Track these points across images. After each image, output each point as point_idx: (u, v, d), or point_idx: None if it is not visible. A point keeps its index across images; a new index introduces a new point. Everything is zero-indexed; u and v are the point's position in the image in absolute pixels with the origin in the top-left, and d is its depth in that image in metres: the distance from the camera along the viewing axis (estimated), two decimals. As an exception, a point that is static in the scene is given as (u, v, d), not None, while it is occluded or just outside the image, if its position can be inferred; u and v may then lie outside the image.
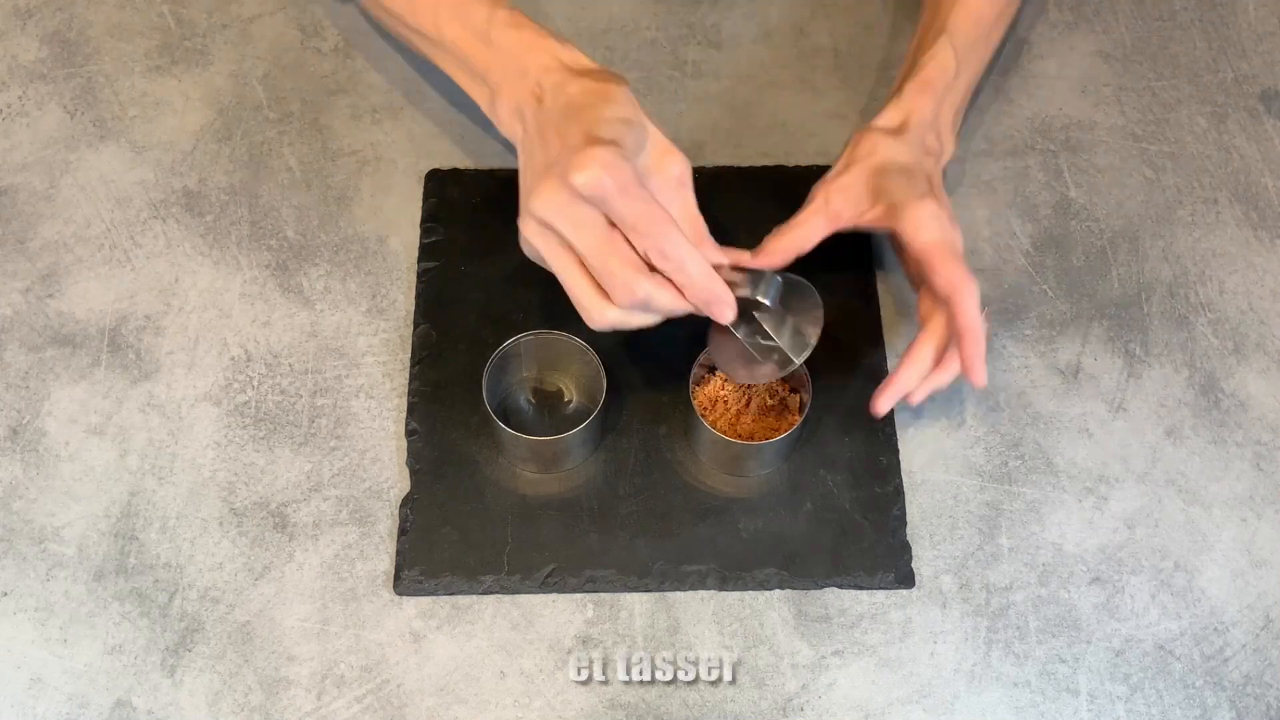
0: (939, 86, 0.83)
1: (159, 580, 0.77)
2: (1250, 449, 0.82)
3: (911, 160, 0.80)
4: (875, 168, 0.79)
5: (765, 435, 0.80)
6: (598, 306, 0.70)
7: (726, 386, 0.82)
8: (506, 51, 0.78)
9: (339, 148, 0.92)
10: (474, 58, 0.80)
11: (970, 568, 0.78)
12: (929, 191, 0.78)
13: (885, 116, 0.82)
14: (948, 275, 0.75)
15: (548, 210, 0.68)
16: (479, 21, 0.79)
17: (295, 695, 0.74)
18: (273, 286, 0.87)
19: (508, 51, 0.78)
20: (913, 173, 0.79)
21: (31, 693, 0.74)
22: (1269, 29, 0.99)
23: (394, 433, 0.82)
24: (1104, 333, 0.86)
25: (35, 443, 0.81)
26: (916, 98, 0.83)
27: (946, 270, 0.75)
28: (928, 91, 0.83)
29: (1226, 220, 0.91)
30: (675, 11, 0.99)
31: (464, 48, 0.80)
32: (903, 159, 0.80)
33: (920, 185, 0.78)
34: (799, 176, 0.91)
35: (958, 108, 0.86)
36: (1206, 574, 0.78)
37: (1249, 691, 0.75)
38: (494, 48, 0.78)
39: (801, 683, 0.75)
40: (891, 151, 0.80)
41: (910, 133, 0.81)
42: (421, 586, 0.77)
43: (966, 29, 0.86)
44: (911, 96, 0.83)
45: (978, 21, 0.87)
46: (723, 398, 0.82)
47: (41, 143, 0.92)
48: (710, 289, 0.70)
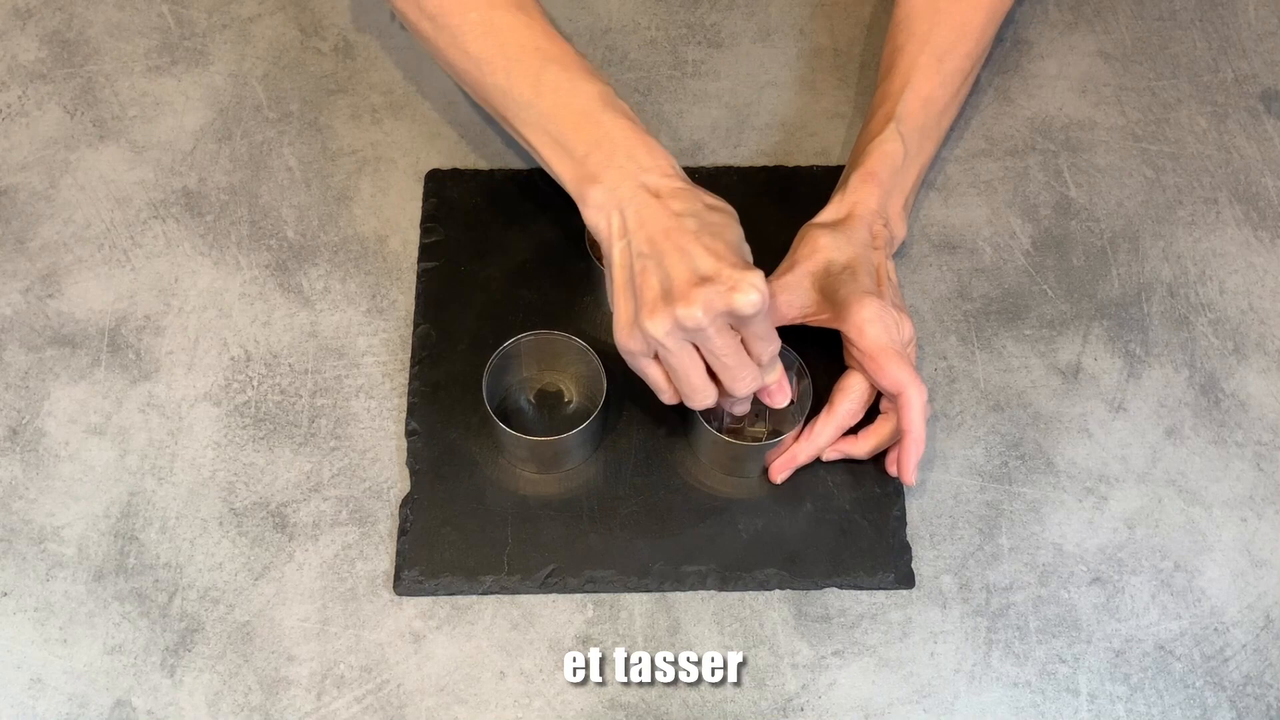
0: (884, 177, 0.82)
1: (159, 580, 0.77)
2: (1250, 449, 0.82)
3: (854, 255, 0.79)
4: (817, 268, 0.79)
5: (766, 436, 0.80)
6: (707, 392, 0.73)
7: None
8: (616, 139, 0.75)
9: (339, 148, 0.92)
10: (574, 134, 0.76)
11: (970, 568, 0.78)
12: (871, 288, 0.78)
13: (829, 210, 0.82)
14: (894, 376, 0.75)
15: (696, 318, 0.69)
16: (589, 98, 0.77)
17: (295, 695, 0.74)
18: (273, 286, 0.87)
19: (617, 140, 0.75)
20: (855, 269, 0.79)
21: (31, 693, 0.74)
22: (1269, 29, 0.99)
23: (394, 433, 0.82)
24: (1104, 333, 0.86)
25: (35, 443, 0.81)
26: (861, 189, 0.82)
27: (893, 371, 0.75)
28: (872, 182, 0.82)
29: (1226, 220, 0.91)
30: (675, 11, 0.99)
31: (564, 121, 0.77)
32: (843, 256, 0.79)
33: (863, 281, 0.78)
34: (799, 176, 0.91)
35: (908, 193, 0.84)
36: (1207, 574, 0.78)
37: (1249, 691, 0.75)
38: (602, 130, 0.76)
39: (801, 683, 0.75)
40: (832, 249, 0.79)
41: (853, 225, 0.80)
42: (421, 587, 0.77)
43: (915, 113, 0.84)
44: (856, 188, 0.82)
45: (927, 104, 0.85)
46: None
47: (41, 143, 0.92)
48: None
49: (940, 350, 0.85)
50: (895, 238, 0.83)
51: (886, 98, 0.85)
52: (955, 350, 0.85)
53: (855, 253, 0.79)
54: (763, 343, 0.72)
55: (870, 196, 0.81)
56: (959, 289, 0.87)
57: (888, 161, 0.82)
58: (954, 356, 0.85)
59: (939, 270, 0.88)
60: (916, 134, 0.84)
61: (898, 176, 0.83)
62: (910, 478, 0.77)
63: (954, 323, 0.86)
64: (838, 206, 0.82)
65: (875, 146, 0.83)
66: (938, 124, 0.86)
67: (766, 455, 0.79)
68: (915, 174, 0.85)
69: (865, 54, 0.97)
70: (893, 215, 0.83)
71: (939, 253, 0.88)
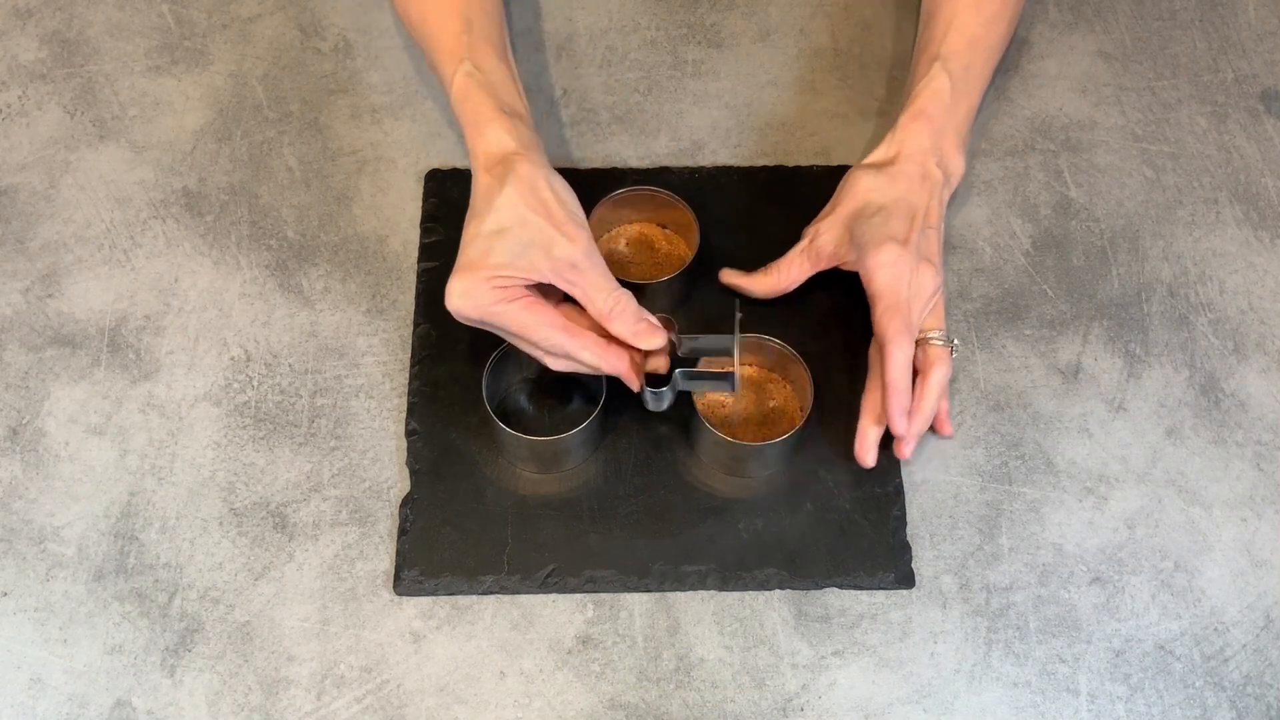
0: (935, 114, 0.82)
1: (159, 580, 0.77)
2: (1250, 449, 0.82)
3: (895, 197, 0.79)
4: (856, 209, 0.80)
5: (766, 436, 0.80)
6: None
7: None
8: (464, 119, 0.80)
9: (339, 148, 0.92)
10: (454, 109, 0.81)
11: (970, 568, 0.78)
12: (898, 233, 0.78)
13: (877, 152, 0.83)
14: (882, 326, 0.76)
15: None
16: (449, 80, 0.81)
17: (295, 695, 0.74)
18: (273, 286, 0.87)
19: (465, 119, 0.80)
20: (889, 212, 0.79)
21: (31, 693, 0.74)
22: (1269, 29, 0.99)
23: (394, 433, 0.82)
24: (1104, 333, 0.86)
25: (35, 443, 0.81)
26: (910, 127, 0.82)
27: (882, 320, 0.76)
28: (921, 119, 0.82)
29: (1226, 220, 0.91)
30: (675, 11, 0.99)
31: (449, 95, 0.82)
32: (884, 197, 0.79)
33: (894, 225, 0.78)
34: (799, 176, 0.91)
35: (961, 131, 0.84)
36: (1206, 574, 0.78)
37: (1249, 691, 0.75)
38: (458, 108, 0.80)
39: (801, 683, 0.75)
40: (874, 190, 0.80)
41: (901, 165, 0.81)
42: (421, 586, 0.77)
43: (960, 52, 0.84)
44: (904, 127, 0.82)
45: (972, 43, 0.85)
46: (724, 399, 0.82)
47: (41, 143, 0.92)
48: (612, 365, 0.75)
49: (940, 350, 0.85)
50: (952, 175, 0.83)
51: (929, 43, 0.85)
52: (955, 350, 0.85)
53: (898, 195, 0.80)
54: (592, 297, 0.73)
55: (920, 134, 0.81)
56: (959, 289, 0.87)
57: (937, 99, 0.82)
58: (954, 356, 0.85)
59: (939, 270, 0.88)
60: (963, 71, 0.84)
61: (949, 114, 0.83)
62: (899, 428, 0.76)
63: (954, 323, 0.86)
64: (886, 147, 0.82)
65: (923, 87, 0.83)
66: (984, 64, 0.86)
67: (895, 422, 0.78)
68: (965, 111, 0.84)
69: (865, 54, 0.97)
70: (948, 152, 0.82)
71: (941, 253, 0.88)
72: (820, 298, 0.85)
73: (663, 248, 0.88)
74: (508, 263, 0.72)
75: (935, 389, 0.78)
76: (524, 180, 0.74)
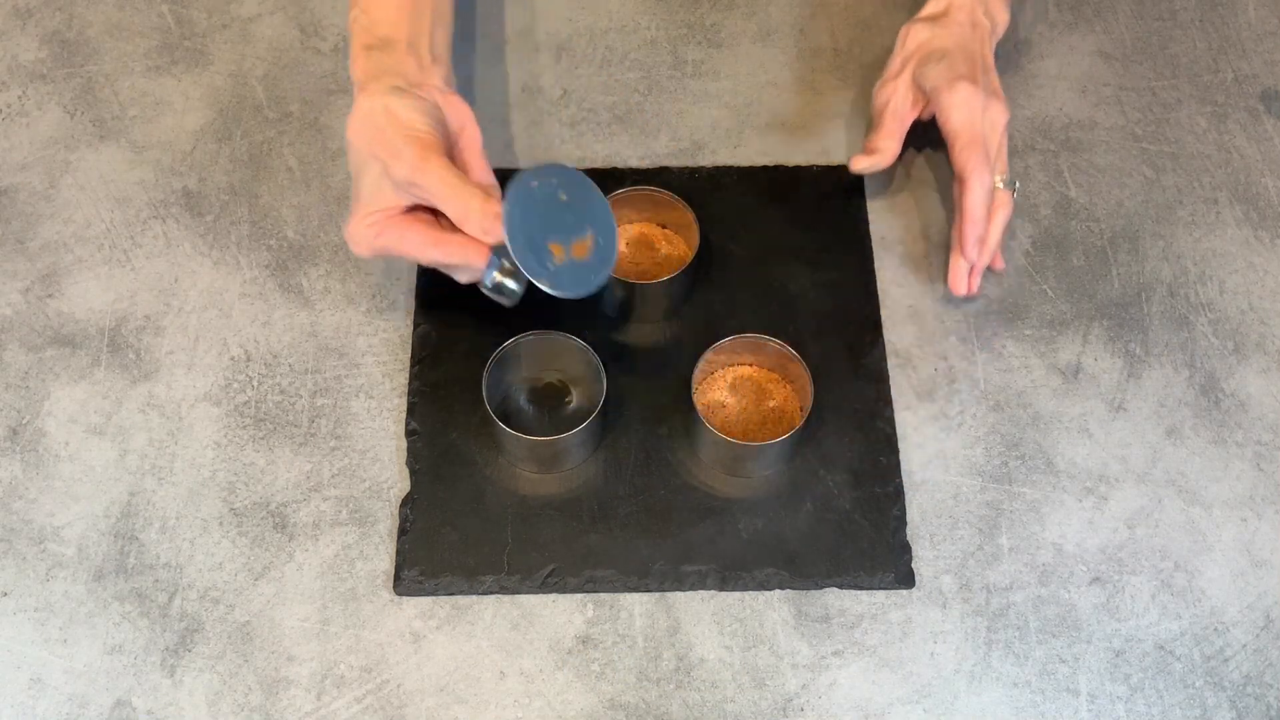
0: None
1: (159, 580, 0.77)
2: (1250, 449, 0.82)
3: (953, 43, 0.84)
4: (920, 59, 0.84)
5: (766, 436, 0.80)
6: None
7: (728, 388, 0.82)
8: None
9: (339, 147, 0.92)
10: None
11: (970, 568, 0.78)
12: (966, 74, 0.82)
13: (927, 7, 0.87)
14: (961, 161, 0.81)
15: None
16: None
17: (295, 695, 0.74)
18: (273, 286, 0.87)
19: None
20: (952, 56, 0.83)
21: (31, 693, 0.74)
22: (1269, 29, 0.99)
23: (394, 433, 0.82)
24: (1104, 333, 0.86)
25: (35, 443, 0.81)
26: None
27: (962, 156, 0.81)
28: None
29: (1226, 220, 0.91)
30: (675, 11, 0.99)
31: None
32: (943, 43, 0.84)
33: (959, 67, 0.82)
34: (799, 176, 0.91)
35: None
36: (1206, 574, 0.78)
37: (1249, 691, 0.75)
38: None
39: (801, 683, 0.75)
40: (932, 40, 0.84)
41: (952, 16, 0.85)
42: (421, 587, 0.77)
43: None
44: None
45: None
46: (724, 399, 0.82)
47: (41, 143, 0.92)
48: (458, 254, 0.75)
49: (940, 350, 0.85)
50: (998, 24, 0.87)
51: None
52: (955, 350, 0.85)
53: (955, 41, 0.84)
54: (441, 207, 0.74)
55: None
56: (959, 289, 0.87)
57: None
58: (954, 356, 0.85)
59: (939, 270, 0.88)
60: None
61: None
62: (970, 254, 0.82)
63: (954, 323, 0.86)
64: (934, 3, 0.87)
65: None
66: None
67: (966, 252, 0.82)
68: None
69: (865, 54, 0.97)
70: (992, 3, 0.86)
71: (939, 252, 0.88)
72: (820, 297, 0.85)
73: (663, 248, 0.88)
74: (367, 199, 0.75)
75: (999, 229, 0.83)
76: (361, 115, 0.75)
